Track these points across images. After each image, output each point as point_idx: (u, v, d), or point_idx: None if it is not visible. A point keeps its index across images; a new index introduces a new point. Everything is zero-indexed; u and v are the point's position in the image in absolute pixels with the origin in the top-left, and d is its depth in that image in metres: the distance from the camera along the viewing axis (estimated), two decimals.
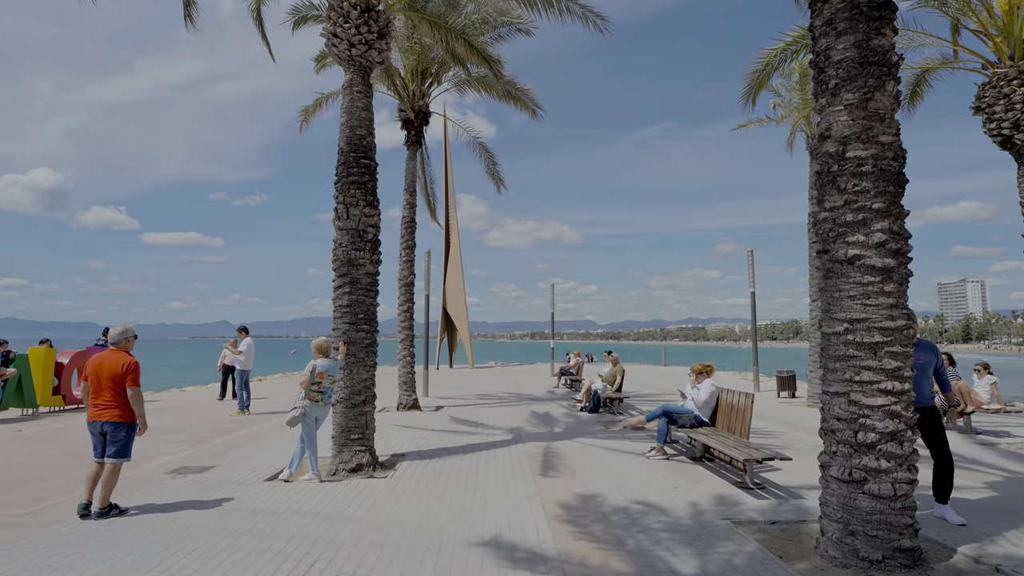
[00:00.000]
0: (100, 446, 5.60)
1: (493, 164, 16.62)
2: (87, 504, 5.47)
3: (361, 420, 7.48)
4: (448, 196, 33.38)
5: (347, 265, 7.73)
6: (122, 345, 5.80)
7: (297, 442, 6.80)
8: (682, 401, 8.31)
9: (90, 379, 5.59)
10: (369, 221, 7.89)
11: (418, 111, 14.51)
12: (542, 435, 9.91)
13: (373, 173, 8.10)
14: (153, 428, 11.00)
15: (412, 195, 14.54)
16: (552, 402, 15.00)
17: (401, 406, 13.54)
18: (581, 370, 19.58)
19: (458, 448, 8.74)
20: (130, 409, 5.64)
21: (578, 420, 11.77)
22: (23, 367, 12.80)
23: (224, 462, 7.80)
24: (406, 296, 14.19)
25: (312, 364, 6.75)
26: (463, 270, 33.27)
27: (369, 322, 7.76)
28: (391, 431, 10.30)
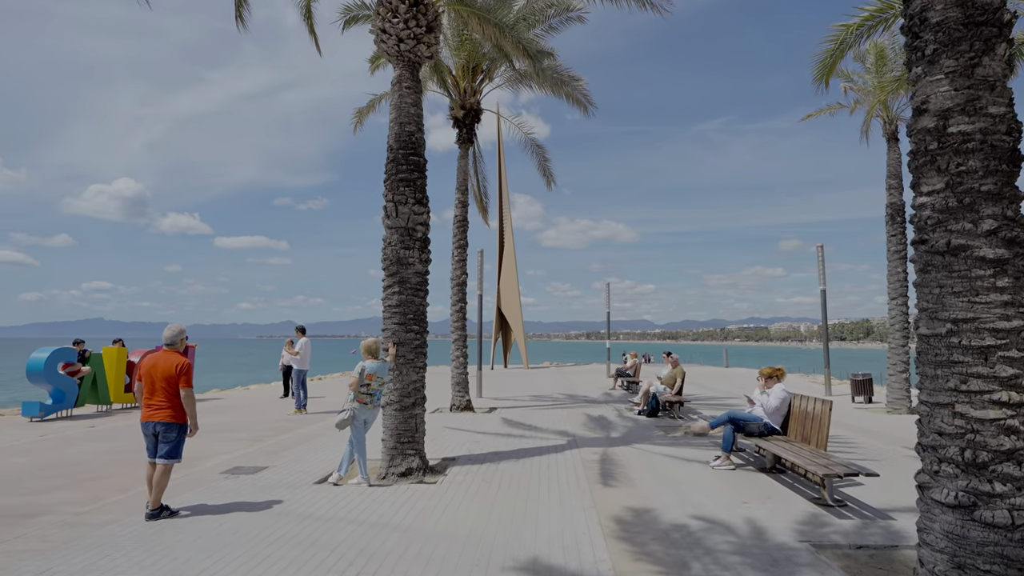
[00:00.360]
0: (153, 447, 5.63)
1: (544, 160, 16.29)
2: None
3: (411, 423, 7.30)
4: (502, 195, 33.26)
5: (396, 264, 7.57)
6: (176, 346, 5.81)
7: (346, 445, 6.68)
8: (750, 407, 7.74)
9: (144, 379, 5.62)
10: (418, 219, 7.71)
11: (469, 108, 14.33)
12: (598, 440, 9.51)
13: (422, 170, 7.92)
14: (215, 426, 11.35)
15: (464, 194, 14.38)
16: (608, 405, 14.53)
17: (454, 407, 13.40)
18: (638, 371, 18.97)
19: (510, 452, 8.46)
20: (182, 410, 5.64)
21: (636, 424, 11.28)
22: (97, 366, 13.39)
23: (277, 463, 7.79)
24: (458, 296, 14.04)
25: (360, 366, 6.61)
26: (517, 270, 33.05)
27: (419, 322, 7.58)
28: (443, 433, 10.12)
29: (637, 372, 18.92)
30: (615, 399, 15.92)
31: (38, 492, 6.30)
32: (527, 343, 33.81)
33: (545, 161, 16.39)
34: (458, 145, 14.54)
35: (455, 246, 14.22)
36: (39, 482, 6.75)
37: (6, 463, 7.78)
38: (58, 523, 5.22)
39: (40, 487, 6.52)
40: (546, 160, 16.41)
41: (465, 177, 14.49)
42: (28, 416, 12.04)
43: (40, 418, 11.97)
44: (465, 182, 14.48)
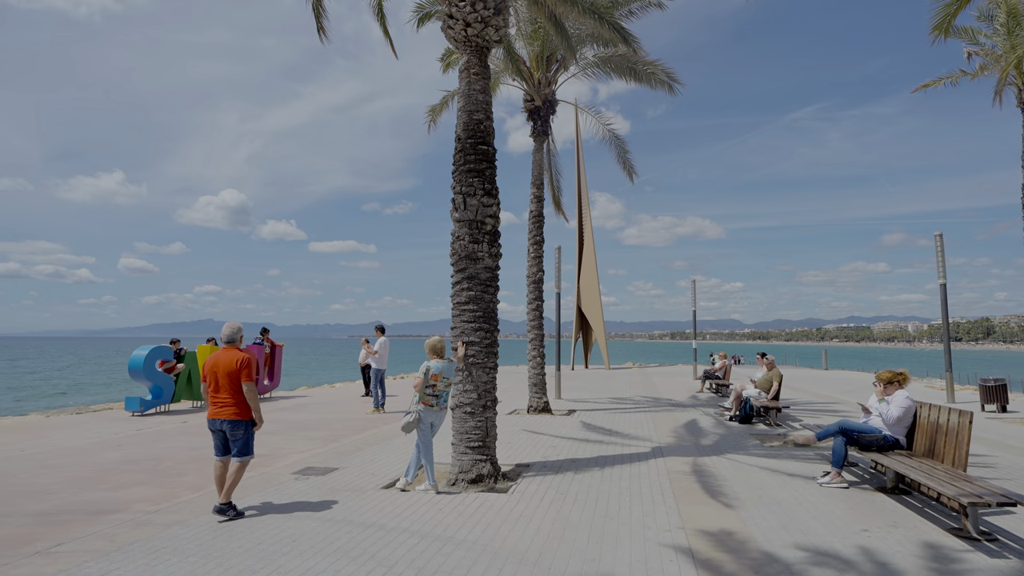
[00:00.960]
0: (221, 444, 5.55)
1: (624, 152, 15.50)
2: None
3: (481, 427, 6.89)
4: (581, 191, 32.51)
5: (465, 259, 7.20)
6: (236, 343, 5.72)
7: (413, 449, 6.36)
8: (865, 417, 6.74)
9: (208, 378, 5.54)
10: (487, 211, 7.30)
11: (544, 100, 13.83)
12: (686, 448, 8.73)
13: (491, 160, 7.51)
14: (297, 424, 11.51)
15: (539, 188, 13.90)
16: (696, 409, 13.57)
17: (531, 409, 12.94)
18: (728, 373, 17.77)
19: (589, 460, 7.87)
20: (247, 406, 5.54)
21: (728, 431, 10.36)
22: (191, 363, 14.01)
23: (348, 464, 7.62)
24: (535, 294, 13.58)
25: (425, 366, 6.27)
26: (598, 268, 32.18)
27: (489, 320, 7.16)
28: (517, 436, 9.67)
29: (727, 374, 17.73)
30: (703, 403, 14.90)
31: (120, 487, 6.41)
32: (608, 343, 32.87)
33: (625, 153, 15.61)
34: (532, 138, 14.09)
35: (531, 242, 13.77)
36: (124, 476, 6.90)
37: (101, 457, 8.08)
38: (129, 521, 5.20)
39: (123, 482, 6.65)
40: (626, 152, 15.63)
41: (540, 171, 14.01)
42: (130, 411, 12.75)
43: (140, 413, 12.63)
44: (540, 176, 14.01)
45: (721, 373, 17.84)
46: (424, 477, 6.38)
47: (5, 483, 6.60)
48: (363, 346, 14.81)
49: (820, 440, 7.00)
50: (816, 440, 7.04)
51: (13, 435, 10.04)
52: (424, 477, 6.38)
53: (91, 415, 12.93)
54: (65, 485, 6.50)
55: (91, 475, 6.99)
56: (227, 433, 5.50)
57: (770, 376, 11.58)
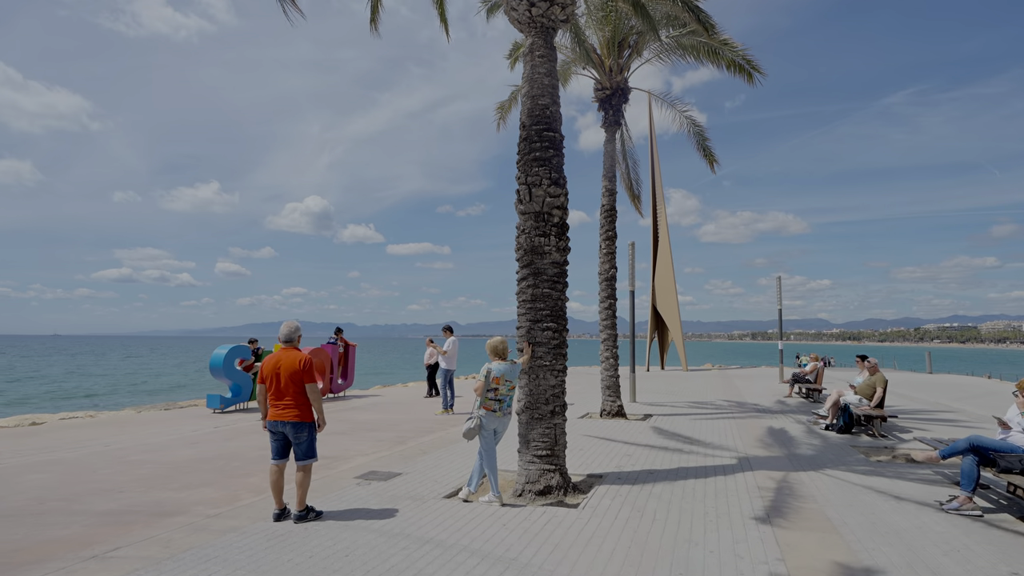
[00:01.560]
0: (280, 447, 5.35)
1: (703, 139, 14.52)
2: (279, 513, 5.25)
3: (549, 434, 6.40)
4: (655, 187, 31.32)
5: (530, 254, 6.72)
6: (294, 343, 5.51)
7: (476, 456, 5.95)
8: (1003, 432, 5.73)
9: (268, 380, 5.36)
10: (554, 202, 6.79)
11: (615, 88, 13.15)
12: (777, 461, 7.87)
13: (558, 147, 7.00)
14: (365, 424, 11.45)
15: (611, 181, 13.22)
16: (784, 416, 12.48)
17: (604, 413, 12.31)
18: (820, 377, 16.39)
19: (667, 472, 7.21)
20: (309, 408, 5.34)
21: (825, 443, 9.34)
22: None
23: (412, 469, 7.33)
24: (607, 292, 12.92)
25: (486, 368, 5.84)
26: (674, 266, 30.87)
27: (556, 319, 6.65)
28: (590, 444, 9.10)
29: (819, 378, 16.36)
30: (792, 409, 13.73)
31: (187, 487, 6.38)
32: (685, 343, 31.50)
33: (704, 140, 14.61)
34: (603, 129, 13.42)
35: (603, 238, 13.12)
36: (192, 476, 6.90)
37: (176, 454, 8.21)
38: (187, 526, 5.08)
39: (190, 482, 6.64)
40: (705, 139, 14.61)
41: (612, 163, 13.33)
42: (211, 408, 13.15)
43: (220, 410, 13.00)
44: (612, 168, 13.32)
45: (812, 376, 16.48)
46: (488, 487, 5.96)
47: (86, 479, 6.74)
48: (427, 346, 14.91)
49: (944, 458, 6.03)
50: (939, 458, 6.07)
51: (104, 429, 10.50)
52: (488, 487, 5.96)
53: (177, 412, 13.45)
54: (137, 483, 6.56)
55: (163, 473, 7.04)
56: (290, 436, 5.31)
57: (873, 381, 10.41)
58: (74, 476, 6.85)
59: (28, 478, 6.74)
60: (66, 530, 4.94)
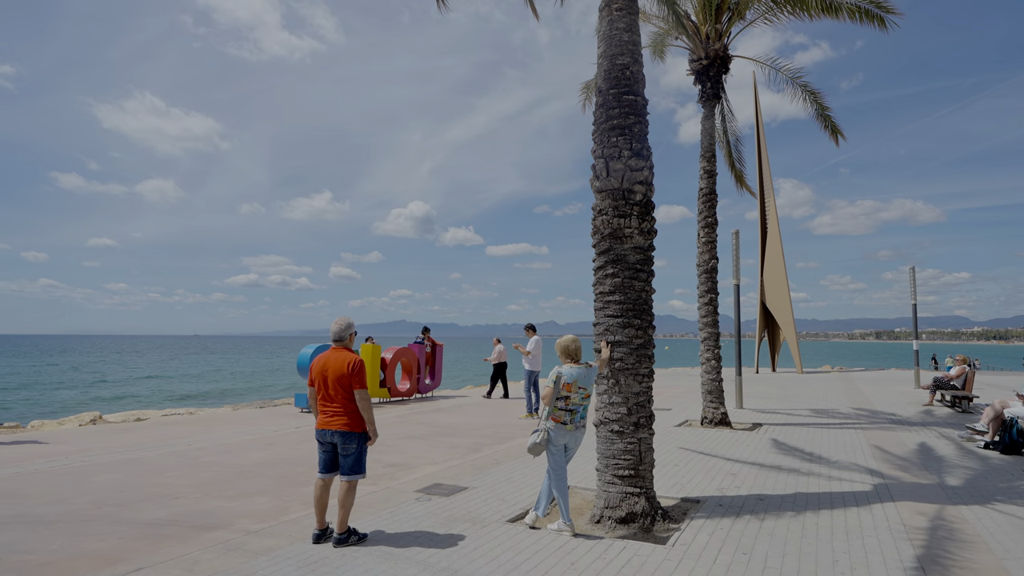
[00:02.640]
0: (328, 460, 4.77)
1: (823, 108, 12.66)
2: (320, 533, 4.67)
3: (633, 450, 5.39)
4: (762, 174, 28.83)
5: (609, 238, 5.75)
6: (345, 342, 4.90)
7: (545, 475, 5.07)
8: None
9: (316, 382, 4.79)
10: (636, 176, 5.77)
11: (713, 57, 11.75)
12: (925, 489, 6.35)
13: (640, 113, 5.96)
14: (444, 428, 10.86)
15: (710, 161, 11.84)
16: (927, 429, 10.52)
17: (705, 421, 10.99)
18: (970, 383, 13.95)
19: (782, 500, 5.95)
20: (359, 416, 4.70)
21: (986, 466, 7.58)
22: None
23: (480, 483, 6.58)
24: (708, 285, 11.56)
25: (555, 372, 4.93)
26: (785, 260, 28.22)
27: (640, 314, 5.63)
28: (687, 458, 7.93)
29: (968, 383, 13.93)
30: (937, 420, 11.64)
31: (241, 496, 6.01)
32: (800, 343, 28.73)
33: (824, 109, 12.72)
34: (700, 104, 12.07)
35: (701, 224, 11.77)
36: (252, 482, 6.56)
37: (247, 457, 8.00)
38: (221, 544, 4.61)
39: (247, 489, 6.27)
40: (825, 108, 12.72)
41: (711, 141, 11.94)
42: (299, 407, 13.21)
43: (307, 409, 13.02)
44: (712, 147, 11.94)
45: (959, 381, 14.07)
46: (559, 511, 5.07)
47: (151, 481, 6.58)
48: (494, 345, 14.97)
49: None
50: None
51: (195, 428, 10.67)
52: (559, 511, 5.07)
53: (269, 410, 13.65)
54: (195, 488, 6.28)
55: (226, 478, 6.76)
56: (338, 447, 4.71)
57: None
58: (141, 478, 6.73)
59: (99, 478, 6.69)
60: (101, 542, 4.63)
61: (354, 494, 4.67)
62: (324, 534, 4.68)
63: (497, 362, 15.60)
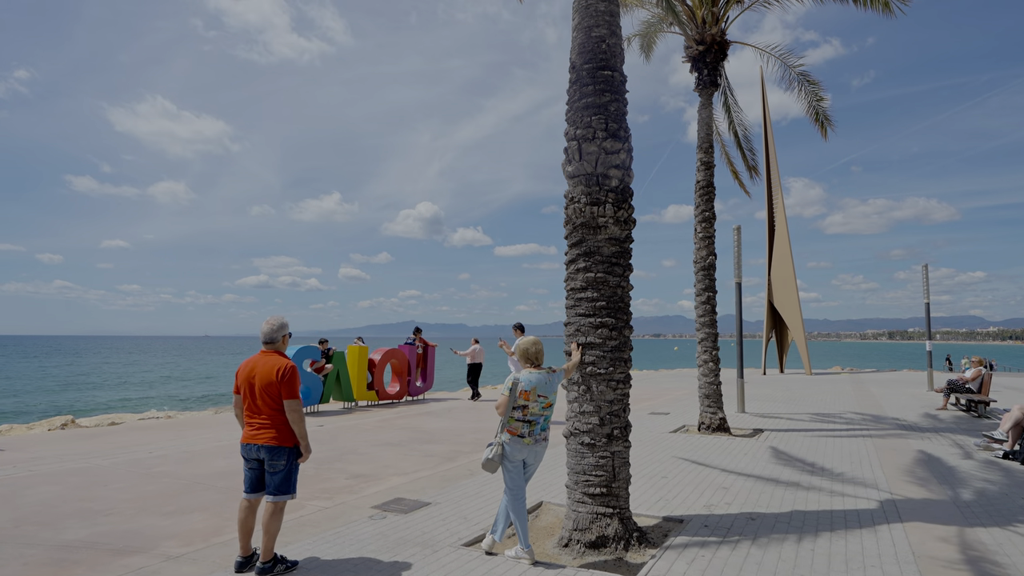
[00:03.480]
0: (254, 478, 4.21)
1: (818, 99, 12.00)
2: (243, 561, 4.11)
3: (606, 466, 4.81)
4: (770, 172, 28.12)
5: (581, 228, 5.17)
6: (277, 345, 4.34)
7: (503, 495, 4.49)
8: None
9: (242, 390, 4.23)
10: (612, 160, 5.19)
11: (710, 42, 11.13)
12: (939, 507, 5.72)
13: (617, 90, 5.37)
14: (423, 433, 10.25)
15: (708, 153, 11.22)
16: (940, 436, 9.84)
17: (702, 427, 10.37)
18: (987, 385, 13.22)
19: (776, 519, 5.35)
20: (289, 429, 4.15)
21: (1006, 478, 6.92)
22: (340, 363, 13.73)
23: (447, 497, 6.02)
24: (705, 283, 10.94)
25: (512, 378, 4.35)
26: (793, 259, 27.44)
27: (615, 313, 5.05)
28: (677, 469, 7.33)
29: (984, 386, 13.21)
30: (948, 426, 10.94)
31: (177, 512, 5.48)
32: (809, 343, 27.95)
33: (819, 100, 12.08)
34: (697, 92, 11.45)
35: (698, 219, 11.15)
36: (196, 497, 6.03)
37: (203, 466, 7.48)
38: (134, 572, 4.07)
39: (188, 504, 5.74)
40: (820, 100, 12.07)
41: (708, 131, 11.32)
42: None
43: None
44: (709, 138, 11.31)
45: (975, 384, 13.35)
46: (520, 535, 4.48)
47: (85, 495, 6.06)
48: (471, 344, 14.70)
49: None
50: None
51: (166, 433, 10.17)
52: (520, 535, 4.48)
53: None
54: (133, 503, 5.76)
55: (171, 491, 6.24)
56: (264, 463, 4.16)
57: None
58: (80, 491, 6.22)
59: (36, 491, 6.19)
60: (2, 569, 4.11)
61: (281, 516, 4.12)
62: (248, 562, 4.13)
63: (473, 362, 15.24)
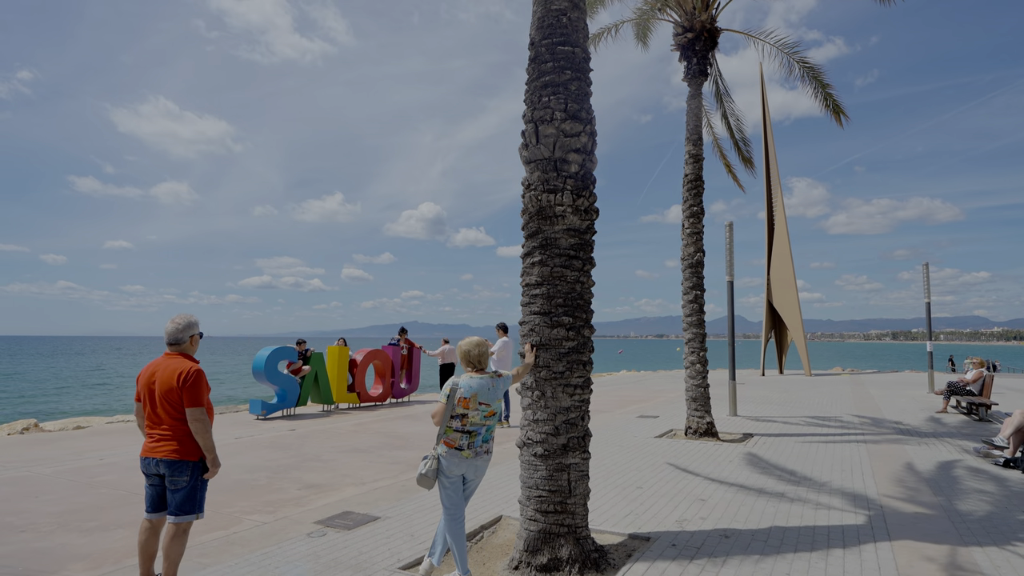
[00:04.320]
0: (156, 495, 3.75)
1: (824, 87, 11.49)
2: None
3: (560, 480, 4.35)
4: (770, 171, 27.63)
5: (537, 218, 4.71)
6: (183, 346, 3.87)
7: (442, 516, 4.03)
8: None
9: (143, 397, 3.77)
10: (571, 144, 4.72)
11: (700, 29, 10.67)
12: (932, 524, 5.24)
13: (579, 68, 4.91)
14: (395, 438, 9.72)
15: (696, 145, 10.74)
16: (939, 441, 9.35)
17: (690, 431, 9.91)
18: (989, 388, 12.72)
19: (753, 537, 4.88)
20: (193, 441, 3.68)
21: (1004, 488, 6.43)
22: (318, 365, 13.29)
23: (399, 511, 5.56)
24: (692, 281, 10.46)
25: (451, 383, 3.88)
26: (793, 259, 26.91)
27: (573, 311, 4.58)
28: (654, 479, 6.86)
29: (986, 388, 12.71)
30: (948, 430, 10.45)
31: (100, 529, 5.04)
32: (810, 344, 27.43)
33: (825, 88, 11.53)
34: (686, 82, 10.97)
35: (686, 214, 10.67)
36: (129, 510, 5.57)
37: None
38: None
39: (116, 519, 5.29)
40: (826, 87, 11.52)
41: (698, 123, 10.85)
42: (253, 414, 12.26)
43: (263, 416, 12.06)
44: (698, 129, 10.84)
45: (976, 386, 12.85)
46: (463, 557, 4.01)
47: (10, 509, 5.60)
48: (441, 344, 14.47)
49: None
50: None
51: (124, 438, 9.73)
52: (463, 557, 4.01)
53: (229, 416, 12.73)
54: (54, 519, 5.31)
55: (103, 503, 5.80)
56: (165, 479, 3.70)
57: None
58: (6, 503, 5.77)
59: None
60: None
61: (184, 539, 3.66)
62: None
63: (444, 362, 14.82)
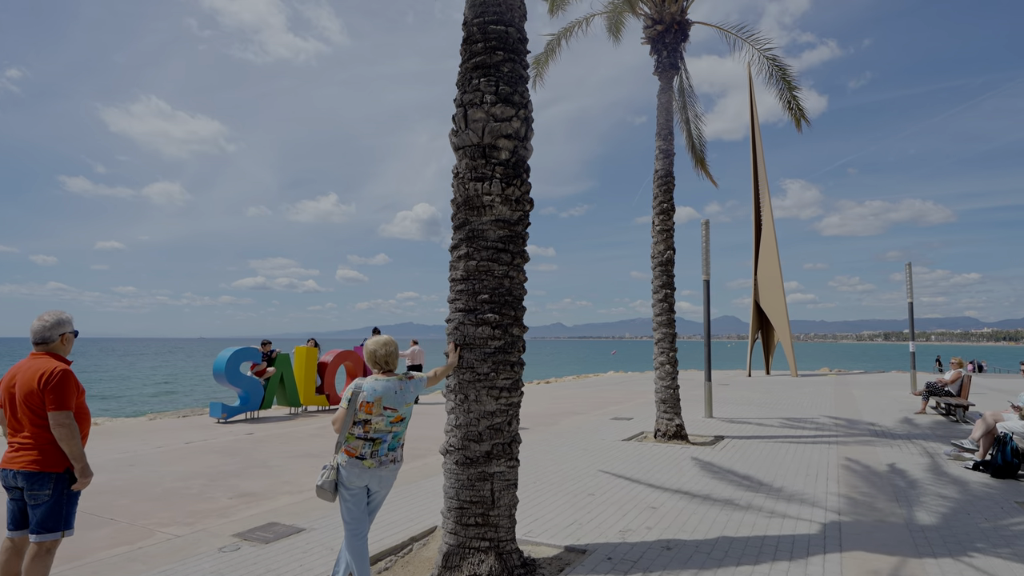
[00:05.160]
0: (15, 510, 3.39)
1: (790, 89, 11.24)
2: None
3: (482, 490, 4.05)
4: (757, 172, 27.46)
5: (465, 208, 4.42)
6: (51, 345, 3.48)
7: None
8: None
9: (4, 401, 3.43)
10: (502, 129, 4.42)
11: (670, 22, 10.41)
12: (889, 532, 4.97)
13: (513, 49, 4.62)
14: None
15: (667, 140, 10.48)
16: (911, 443, 9.10)
17: (659, 434, 9.63)
18: (966, 389, 12.50)
19: (697, 548, 4.59)
20: (57, 450, 3.31)
21: (969, 496, 6.17)
22: (284, 366, 12.94)
23: (327, 523, 5.25)
24: (663, 280, 10.18)
25: (354, 386, 3.58)
26: (780, 259, 26.71)
27: (500, 308, 4.28)
28: (608, 485, 6.57)
29: (964, 389, 12.48)
30: (924, 432, 10.21)
31: None
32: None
33: (791, 90, 11.29)
34: (656, 76, 10.71)
35: (656, 211, 10.40)
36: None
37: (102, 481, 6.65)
38: None
39: None
40: (793, 89, 11.28)
41: (668, 117, 10.58)
42: (214, 417, 11.89)
43: (223, 420, 11.70)
44: (668, 124, 10.57)
45: (954, 387, 12.63)
46: None
47: None
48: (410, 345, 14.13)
49: None
50: None
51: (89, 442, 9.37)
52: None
53: (192, 419, 12.36)
54: None
55: None
56: (25, 492, 3.36)
57: None
58: None
59: None
60: None
61: (48, 560, 3.30)
62: None
63: (412, 363, 14.54)
